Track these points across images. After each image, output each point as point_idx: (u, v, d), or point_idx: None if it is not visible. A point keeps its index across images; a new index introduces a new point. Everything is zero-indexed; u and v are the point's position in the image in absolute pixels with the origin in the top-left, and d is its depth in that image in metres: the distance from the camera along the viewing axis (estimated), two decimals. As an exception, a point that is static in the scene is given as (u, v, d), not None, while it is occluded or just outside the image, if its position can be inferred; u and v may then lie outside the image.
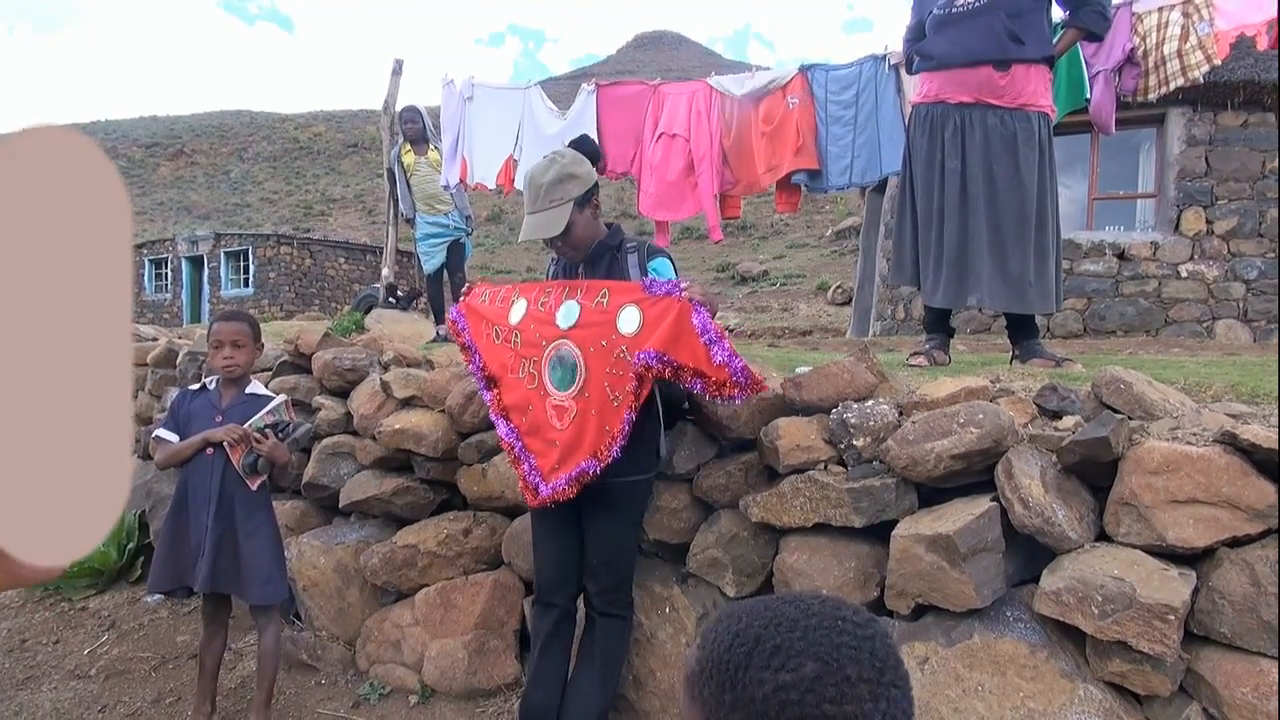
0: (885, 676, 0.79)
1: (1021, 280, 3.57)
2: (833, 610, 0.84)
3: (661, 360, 2.42)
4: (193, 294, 25.03)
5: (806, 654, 0.78)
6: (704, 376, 2.39)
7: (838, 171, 5.68)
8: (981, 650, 2.17)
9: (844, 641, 0.80)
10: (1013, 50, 3.50)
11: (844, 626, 0.82)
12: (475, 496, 3.56)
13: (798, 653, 0.79)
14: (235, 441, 3.02)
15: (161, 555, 3.14)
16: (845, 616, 0.83)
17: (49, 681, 3.83)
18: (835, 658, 0.78)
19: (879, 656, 0.80)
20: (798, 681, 0.77)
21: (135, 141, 58.98)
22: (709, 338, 2.39)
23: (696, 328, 2.41)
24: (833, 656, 0.78)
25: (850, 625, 0.82)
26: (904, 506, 2.43)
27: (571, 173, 2.68)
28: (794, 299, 20.58)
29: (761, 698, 0.77)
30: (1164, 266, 8.45)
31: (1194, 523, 1.98)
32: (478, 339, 2.91)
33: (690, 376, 2.41)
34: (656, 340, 2.43)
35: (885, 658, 0.81)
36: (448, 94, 6.82)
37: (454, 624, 3.40)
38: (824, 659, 0.78)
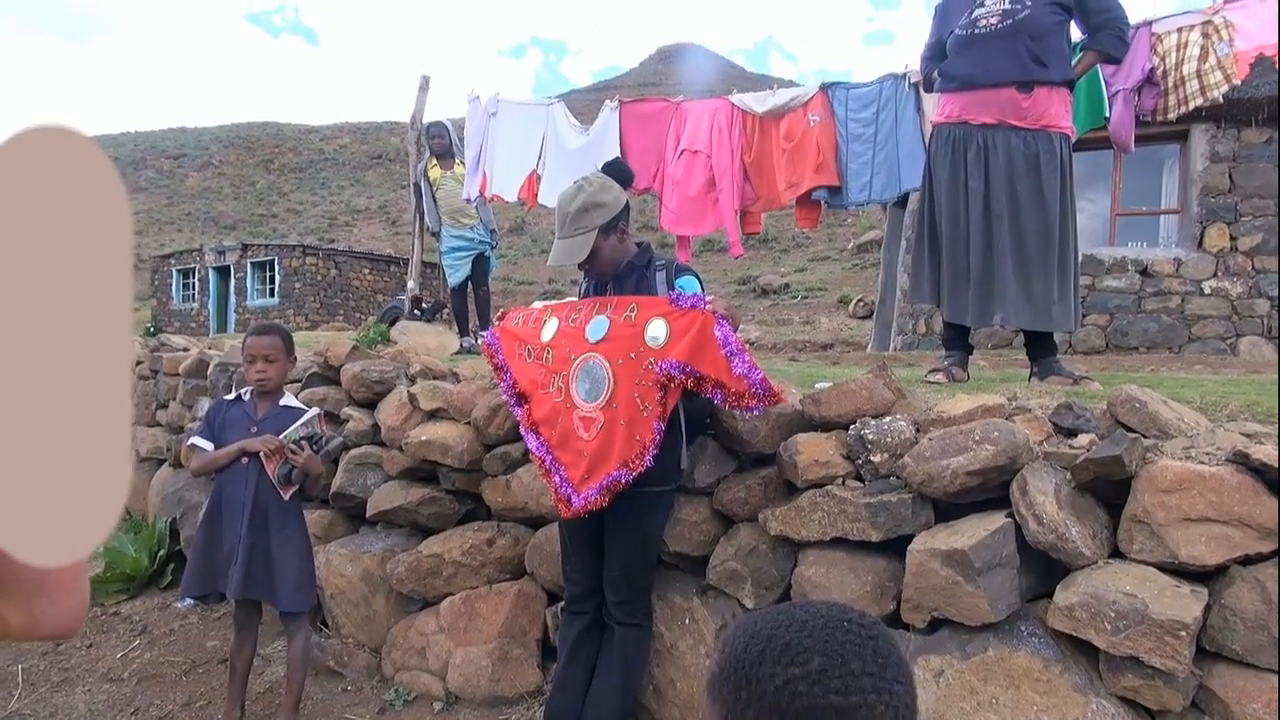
0: (888, 671, 0.86)
1: (1045, 298, 3.61)
2: (839, 613, 0.91)
3: (684, 370, 2.50)
4: (219, 304, 25.36)
5: (814, 650, 0.85)
6: (724, 387, 2.48)
7: (857, 188, 5.73)
8: (996, 664, 2.20)
9: (849, 639, 0.86)
10: (1036, 72, 3.55)
11: (849, 626, 0.88)
12: (499, 507, 3.63)
13: (805, 649, 0.85)
14: (271, 452, 3.12)
15: (195, 561, 3.23)
16: (851, 618, 0.90)
17: (83, 684, 3.93)
18: (840, 653, 0.85)
19: (881, 653, 0.87)
20: (805, 674, 0.83)
21: (164, 152, 59.85)
22: (730, 350, 2.46)
23: (719, 340, 2.49)
24: (838, 652, 0.85)
25: (855, 625, 0.89)
26: (920, 522, 2.48)
27: (597, 201, 2.78)
28: (815, 312, 20.57)
29: (773, 691, 0.84)
30: (1187, 283, 8.42)
31: (1206, 541, 2.02)
32: (510, 358, 2.99)
33: (711, 387, 2.49)
34: (680, 351, 2.52)
35: (888, 655, 0.87)
36: (473, 109, 6.93)
37: (478, 632, 3.47)
38: (830, 654, 0.85)
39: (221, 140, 62.43)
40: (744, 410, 2.54)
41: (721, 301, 2.60)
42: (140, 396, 6.64)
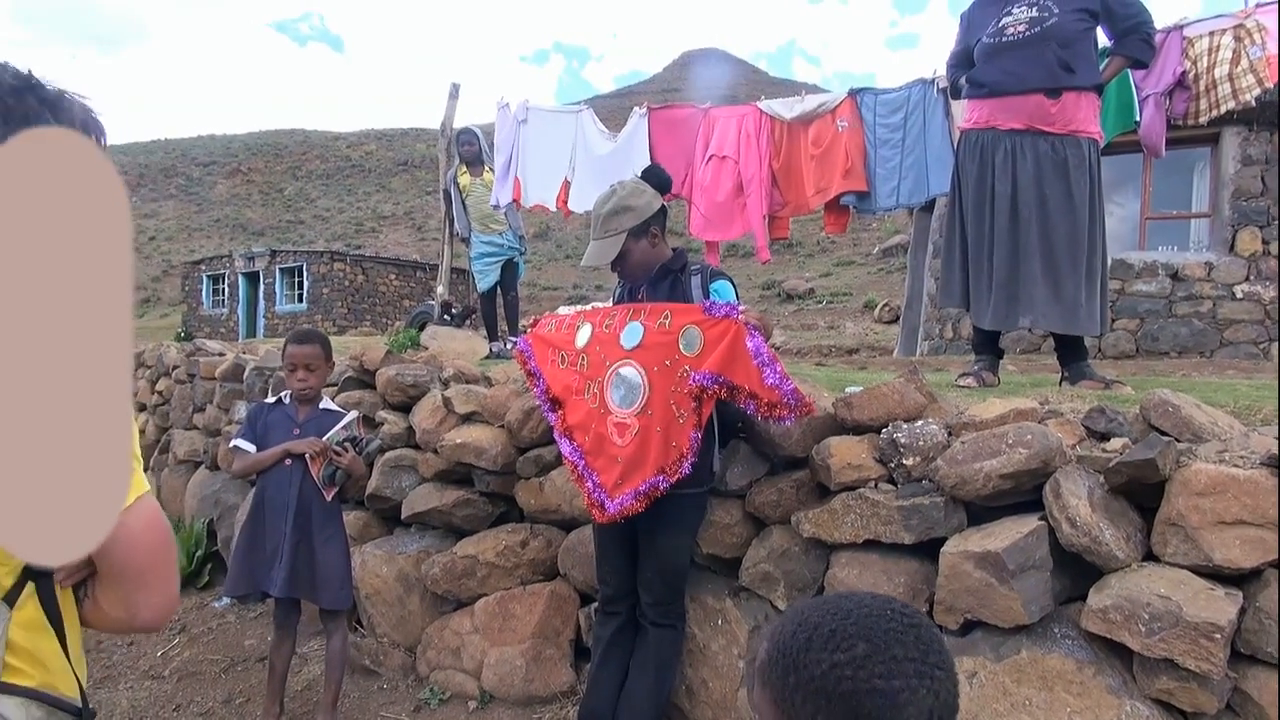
0: (930, 658, 0.90)
1: (1074, 302, 3.61)
2: (883, 602, 0.95)
3: (717, 381, 2.54)
4: (249, 309, 25.70)
5: (858, 636, 0.89)
6: (757, 398, 2.51)
7: (885, 193, 5.75)
8: (1029, 666, 2.22)
9: (891, 627, 0.91)
10: (1064, 79, 3.56)
11: (892, 615, 0.93)
12: (532, 509, 3.68)
13: (850, 635, 0.89)
14: (316, 454, 3.19)
15: (238, 560, 3.30)
16: (894, 607, 0.95)
17: (125, 681, 4.02)
18: (884, 640, 0.89)
19: (923, 640, 0.91)
20: (850, 660, 0.88)
21: (194, 160, 60.70)
22: (762, 360, 2.49)
23: (750, 350, 2.52)
24: (881, 639, 0.89)
25: (898, 614, 0.93)
26: (953, 524, 2.50)
27: (628, 204, 2.83)
28: (841, 317, 20.53)
29: (819, 675, 0.88)
30: (1219, 287, 8.33)
31: (1240, 544, 2.03)
32: (542, 364, 3.04)
33: (745, 397, 2.53)
34: (713, 362, 2.55)
35: (930, 642, 0.92)
36: (502, 116, 7.00)
37: (512, 632, 3.52)
38: (873, 640, 0.89)
39: (250, 147, 63.22)
40: (776, 420, 2.57)
41: (754, 311, 2.64)
42: (177, 400, 6.76)
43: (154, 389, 7.42)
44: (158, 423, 7.29)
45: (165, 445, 6.86)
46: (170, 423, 6.89)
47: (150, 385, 7.53)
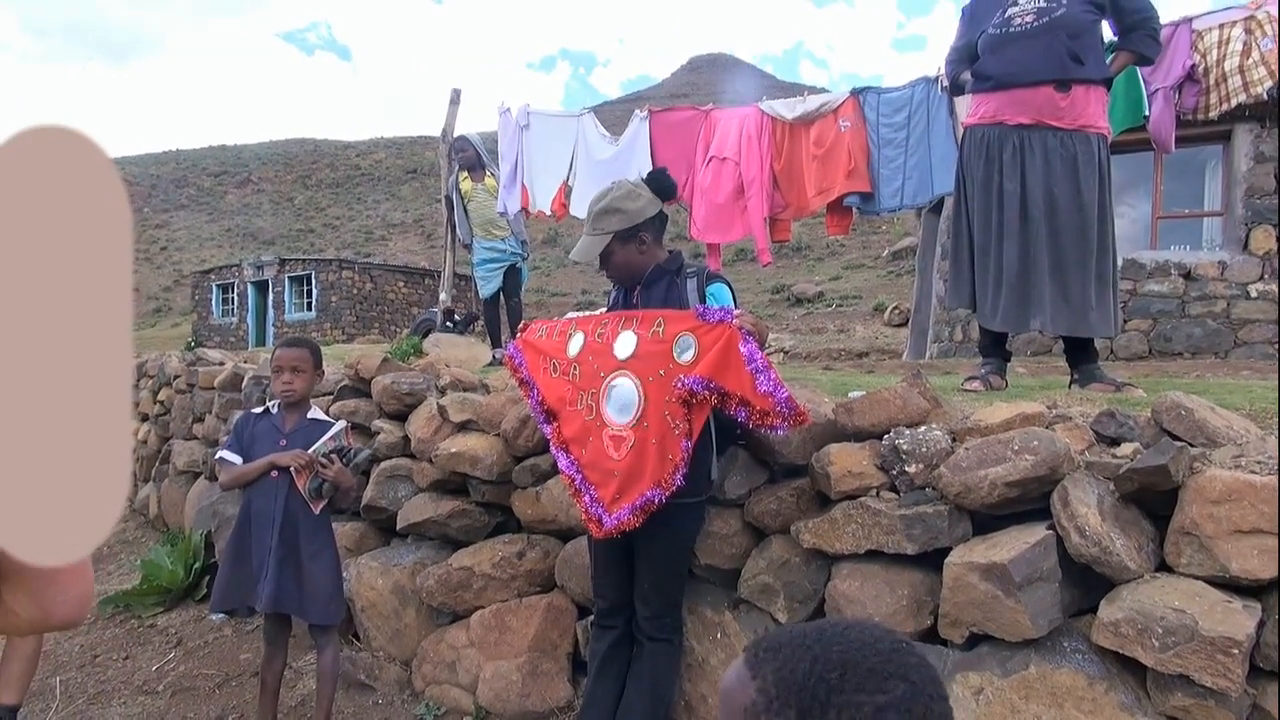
0: (943, 691, 0.87)
1: (1084, 304, 3.51)
2: (886, 633, 0.90)
3: (708, 386, 2.45)
4: (258, 318, 25.76)
5: (896, 676, 0.84)
6: (749, 405, 2.41)
7: (889, 194, 5.66)
8: (1038, 681, 2.13)
9: (915, 662, 0.86)
10: (1074, 70, 3.46)
11: (907, 648, 0.88)
12: (529, 520, 3.60)
13: (889, 675, 0.84)
14: (301, 467, 3.11)
15: (224, 575, 3.23)
16: (899, 639, 0.90)
17: (119, 697, 3.96)
18: (918, 678, 0.85)
19: (936, 674, 0.88)
20: (895, 702, 0.82)
21: (205, 170, 61.01)
22: (755, 366, 2.40)
23: (743, 356, 2.43)
24: (915, 677, 0.85)
25: (908, 647, 0.89)
26: (957, 534, 2.41)
27: (619, 207, 2.77)
28: (850, 320, 20.40)
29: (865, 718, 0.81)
30: (1232, 286, 8.21)
31: (1258, 554, 1.93)
32: (535, 373, 2.96)
33: (736, 404, 2.43)
34: (704, 367, 2.46)
35: (938, 675, 0.89)
36: (504, 122, 6.95)
37: (508, 646, 3.44)
38: (910, 679, 0.84)
39: (260, 157, 63.50)
40: (769, 429, 2.48)
41: (749, 316, 2.55)
42: (178, 410, 6.72)
43: (156, 399, 7.39)
44: (159, 433, 7.26)
45: (166, 456, 6.82)
46: (171, 433, 6.85)
47: (153, 395, 7.50)
